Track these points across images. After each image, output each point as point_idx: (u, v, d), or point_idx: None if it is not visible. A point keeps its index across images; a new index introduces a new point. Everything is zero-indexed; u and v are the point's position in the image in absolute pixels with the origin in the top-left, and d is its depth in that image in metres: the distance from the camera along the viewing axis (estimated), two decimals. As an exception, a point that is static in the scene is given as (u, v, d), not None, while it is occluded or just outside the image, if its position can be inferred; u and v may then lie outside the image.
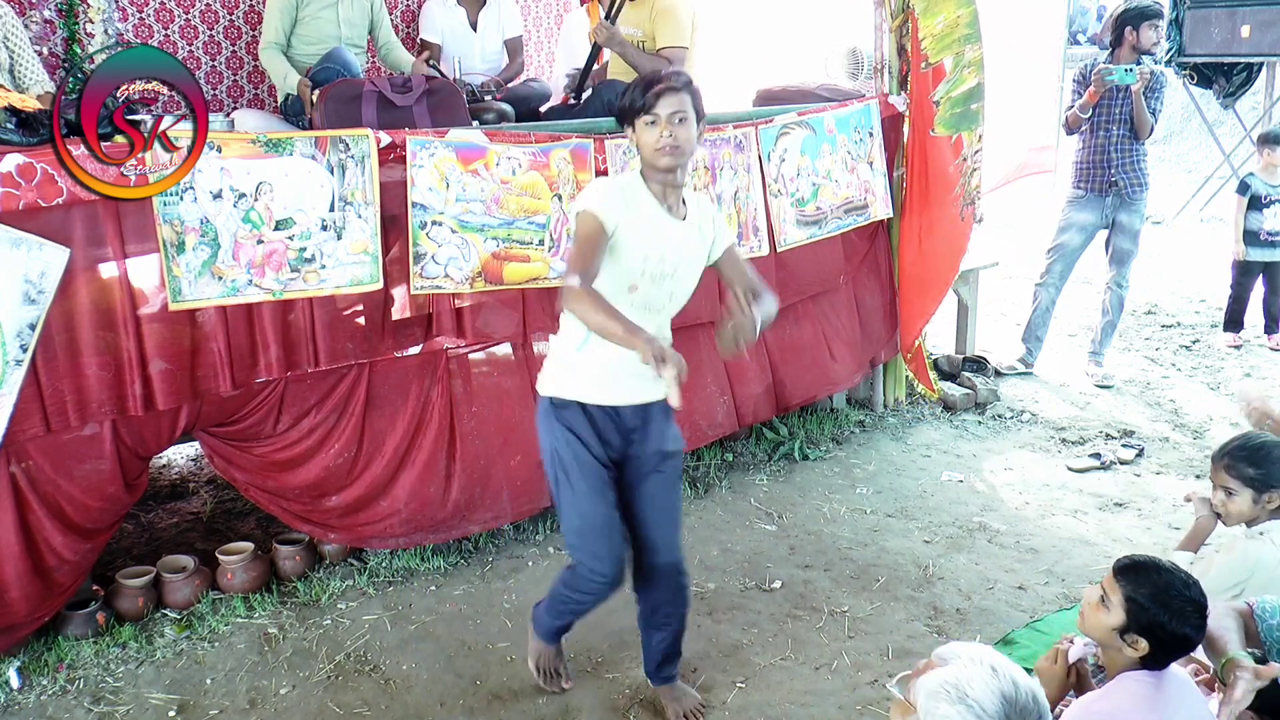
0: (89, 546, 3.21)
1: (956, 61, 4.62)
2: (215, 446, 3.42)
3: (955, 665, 1.61)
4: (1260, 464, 2.72)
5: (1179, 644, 2.13)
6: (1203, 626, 2.14)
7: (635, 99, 2.55)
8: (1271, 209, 6.08)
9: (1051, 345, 5.90)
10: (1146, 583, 2.14)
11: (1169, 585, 2.13)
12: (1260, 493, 2.72)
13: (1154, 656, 2.15)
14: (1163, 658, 2.15)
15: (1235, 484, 2.74)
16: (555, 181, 3.63)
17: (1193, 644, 2.14)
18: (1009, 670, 1.60)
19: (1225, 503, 2.78)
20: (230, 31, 5.16)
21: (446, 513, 3.72)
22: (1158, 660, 2.15)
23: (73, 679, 3.08)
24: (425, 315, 3.59)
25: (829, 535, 3.99)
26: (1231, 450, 2.76)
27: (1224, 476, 2.76)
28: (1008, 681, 1.57)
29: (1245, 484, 2.72)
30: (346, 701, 3.01)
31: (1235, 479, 2.74)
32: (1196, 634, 2.13)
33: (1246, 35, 8.44)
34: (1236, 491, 2.74)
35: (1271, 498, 2.72)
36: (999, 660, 1.61)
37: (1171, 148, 11.94)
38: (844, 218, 4.56)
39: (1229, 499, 2.77)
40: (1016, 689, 1.57)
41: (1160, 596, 2.11)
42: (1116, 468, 4.62)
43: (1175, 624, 2.10)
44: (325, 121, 3.60)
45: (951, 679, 1.59)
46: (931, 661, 1.67)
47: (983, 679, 1.57)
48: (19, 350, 2.83)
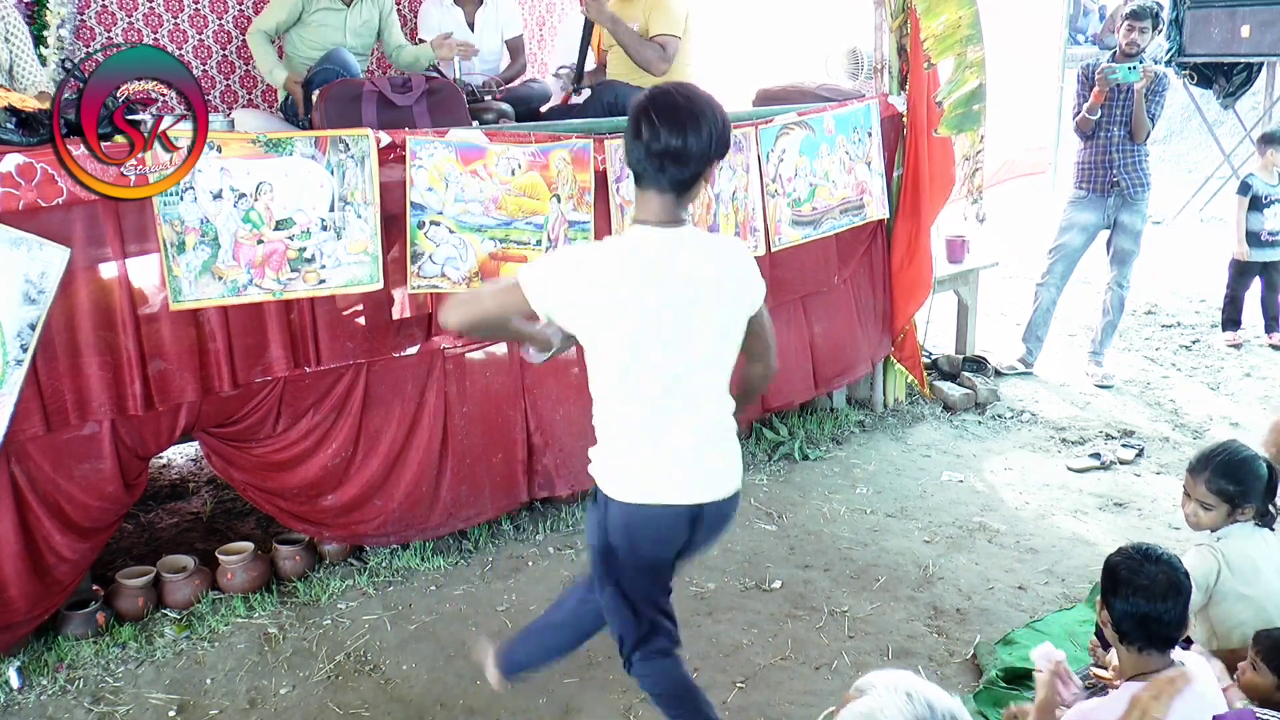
0: (88, 546, 3.21)
1: (959, 62, 4.63)
2: (215, 446, 3.42)
3: (871, 695, 1.61)
4: (1241, 480, 2.72)
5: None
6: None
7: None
8: (1272, 209, 6.07)
9: (1051, 345, 5.90)
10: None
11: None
12: (1235, 507, 2.72)
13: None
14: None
15: (1213, 499, 2.74)
16: (554, 182, 3.63)
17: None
18: (925, 694, 1.59)
19: (1199, 514, 2.78)
20: (220, 36, 5.15)
21: (437, 510, 3.74)
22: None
23: (73, 679, 3.08)
24: (425, 315, 3.59)
25: (829, 535, 3.99)
26: (1214, 465, 2.74)
27: (1202, 490, 2.75)
28: (922, 706, 1.57)
29: (1224, 499, 2.72)
30: (346, 701, 3.01)
31: (1215, 494, 2.73)
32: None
33: (1246, 35, 8.44)
34: (1213, 506, 2.74)
35: (1245, 510, 2.72)
36: (916, 685, 1.61)
37: (1171, 148, 11.94)
38: (839, 218, 4.56)
39: (1205, 512, 2.76)
40: (932, 712, 1.57)
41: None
42: (1116, 468, 4.62)
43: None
44: (325, 121, 3.60)
45: (865, 710, 1.60)
46: (850, 694, 1.67)
47: (896, 706, 1.57)
48: (19, 350, 2.83)
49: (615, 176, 3.79)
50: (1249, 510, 2.72)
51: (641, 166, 2.17)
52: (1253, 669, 2.43)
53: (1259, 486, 2.72)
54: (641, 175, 2.18)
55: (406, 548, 3.76)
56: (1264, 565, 2.70)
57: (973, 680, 3.05)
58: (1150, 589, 2.18)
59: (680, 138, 2.11)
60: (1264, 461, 2.77)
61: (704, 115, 2.14)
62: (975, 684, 3.01)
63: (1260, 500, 2.73)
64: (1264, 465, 2.75)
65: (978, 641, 3.25)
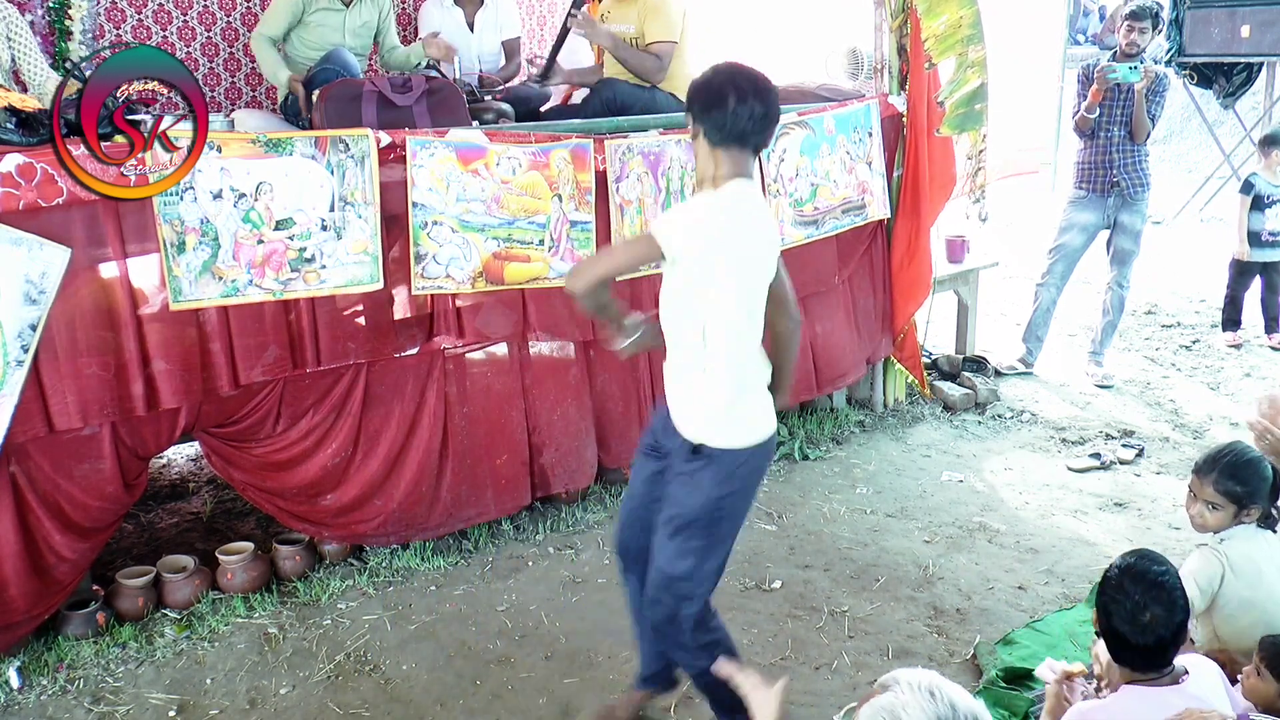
0: (88, 546, 3.21)
1: (960, 62, 4.63)
2: (215, 446, 3.42)
3: (894, 691, 1.60)
4: (1248, 481, 2.72)
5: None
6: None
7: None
8: (1274, 209, 6.06)
9: (1051, 345, 5.90)
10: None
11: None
12: (1242, 508, 2.73)
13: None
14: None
15: (1221, 499, 2.74)
16: (555, 181, 3.64)
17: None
18: (949, 693, 1.58)
19: (1205, 515, 2.78)
20: (228, 33, 5.16)
21: (437, 511, 3.74)
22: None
23: (73, 679, 3.08)
24: (425, 315, 3.59)
25: (829, 535, 3.99)
26: (1222, 466, 2.74)
27: (1209, 491, 2.75)
28: (945, 705, 1.56)
29: (1231, 500, 2.73)
30: (346, 701, 3.01)
31: (1222, 494, 2.73)
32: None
33: (1246, 35, 8.43)
34: (1221, 506, 2.74)
35: (1251, 511, 2.73)
36: (940, 684, 1.60)
37: (1171, 148, 11.94)
38: (841, 218, 4.56)
39: (1211, 513, 2.76)
40: (955, 712, 1.56)
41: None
42: (1116, 468, 4.62)
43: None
44: (325, 121, 3.60)
45: (887, 705, 1.59)
46: (875, 689, 1.66)
47: (918, 704, 1.56)
48: (20, 351, 2.83)
49: (615, 176, 3.79)
50: (1255, 511, 2.72)
51: (737, 130, 2.43)
52: (1256, 675, 2.42)
53: (1265, 488, 2.72)
54: (732, 137, 2.44)
55: (406, 548, 3.76)
56: (1266, 568, 2.69)
57: (973, 680, 3.05)
58: (1137, 622, 2.15)
59: (765, 106, 2.44)
60: (1269, 463, 2.77)
61: (774, 89, 2.49)
62: (975, 684, 3.01)
63: (1265, 502, 2.73)
64: (1269, 467, 2.76)
65: (978, 641, 3.25)
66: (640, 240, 2.55)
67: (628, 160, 3.82)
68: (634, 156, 3.84)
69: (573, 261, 3.71)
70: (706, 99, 2.45)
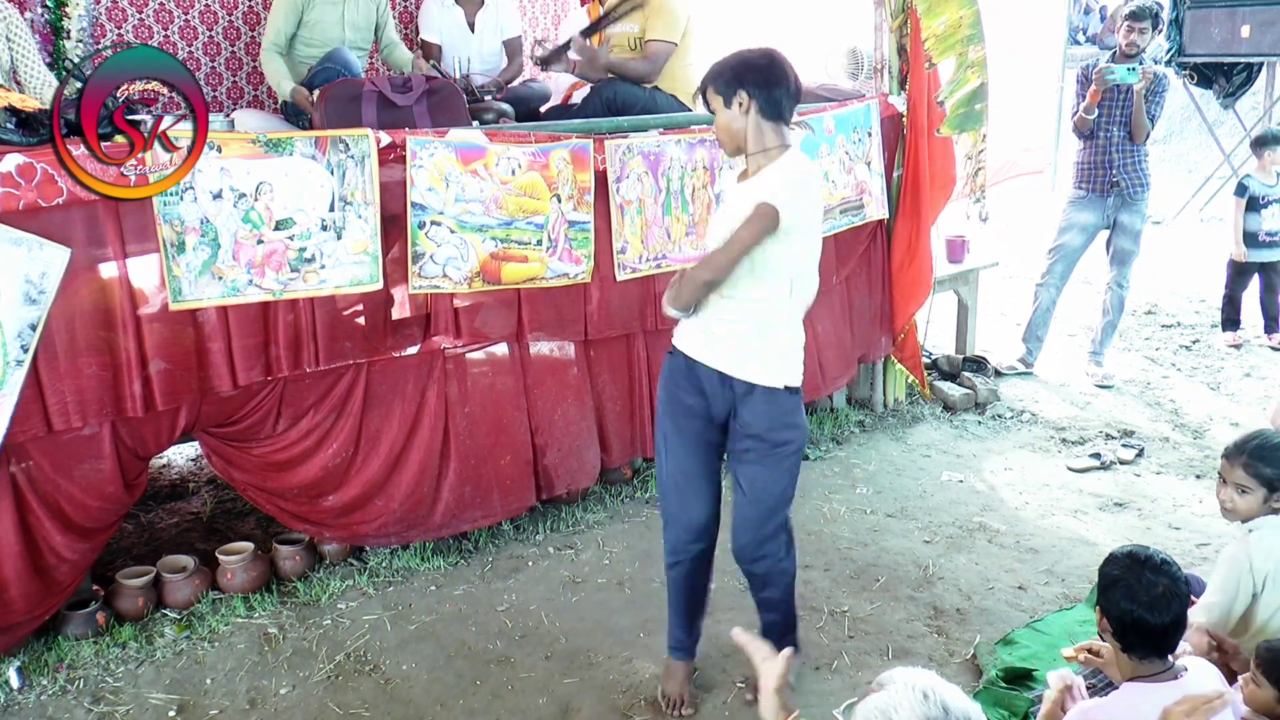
0: (88, 546, 3.21)
1: (960, 62, 4.63)
2: (215, 447, 3.42)
3: (889, 690, 1.61)
4: (1278, 464, 2.72)
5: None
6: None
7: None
8: (1269, 209, 6.07)
9: (1051, 345, 5.90)
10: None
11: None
12: (1272, 492, 2.73)
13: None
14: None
15: (1251, 482, 2.74)
16: (554, 182, 3.64)
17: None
18: (942, 695, 1.58)
19: (1235, 500, 2.78)
20: (230, 32, 5.16)
21: (439, 511, 3.73)
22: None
23: (73, 679, 3.08)
24: (424, 315, 3.59)
25: (829, 535, 3.99)
26: (1252, 449, 2.75)
27: (1239, 474, 2.75)
28: (937, 707, 1.56)
29: (1261, 483, 2.73)
30: (346, 701, 3.01)
31: (1252, 477, 2.74)
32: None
33: (1246, 35, 8.43)
34: (1251, 490, 2.74)
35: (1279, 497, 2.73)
36: (935, 686, 1.60)
37: (1171, 148, 11.94)
38: (839, 218, 4.56)
39: (1240, 496, 2.76)
40: (947, 714, 1.56)
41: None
42: (1116, 468, 4.62)
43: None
44: (325, 121, 3.60)
45: (881, 704, 1.59)
46: (872, 687, 1.66)
47: (910, 704, 1.57)
48: (19, 351, 2.83)
49: (615, 176, 3.79)
50: None
51: (789, 104, 2.70)
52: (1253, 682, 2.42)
53: None
54: (785, 111, 2.70)
55: (406, 548, 3.76)
56: None
57: (973, 680, 3.05)
58: (1149, 598, 2.18)
59: (797, 82, 2.72)
60: None
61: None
62: (975, 684, 3.01)
63: None
64: None
65: (978, 641, 3.25)
66: (757, 219, 2.60)
67: (628, 160, 3.82)
68: (634, 156, 3.84)
69: (571, 261, 3.72)
70: (766, 76, 2.65)
